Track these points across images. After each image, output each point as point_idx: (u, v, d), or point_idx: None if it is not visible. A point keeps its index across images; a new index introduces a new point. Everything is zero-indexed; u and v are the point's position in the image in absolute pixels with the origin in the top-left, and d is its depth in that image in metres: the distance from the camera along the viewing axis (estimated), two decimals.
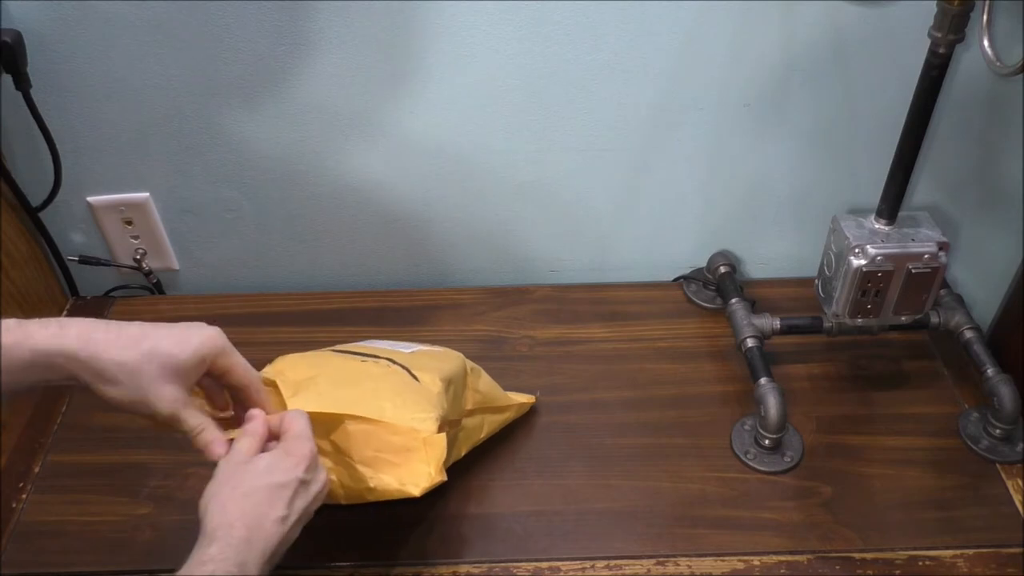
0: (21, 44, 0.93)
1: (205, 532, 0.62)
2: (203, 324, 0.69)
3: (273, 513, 0.65)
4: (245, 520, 0.63)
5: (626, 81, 0.99)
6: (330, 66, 0.98)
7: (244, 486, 0.65)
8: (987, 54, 0.86)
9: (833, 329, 0.97)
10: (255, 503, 0.64)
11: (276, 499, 0.65)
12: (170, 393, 0.65)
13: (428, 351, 0.90)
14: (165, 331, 0.66)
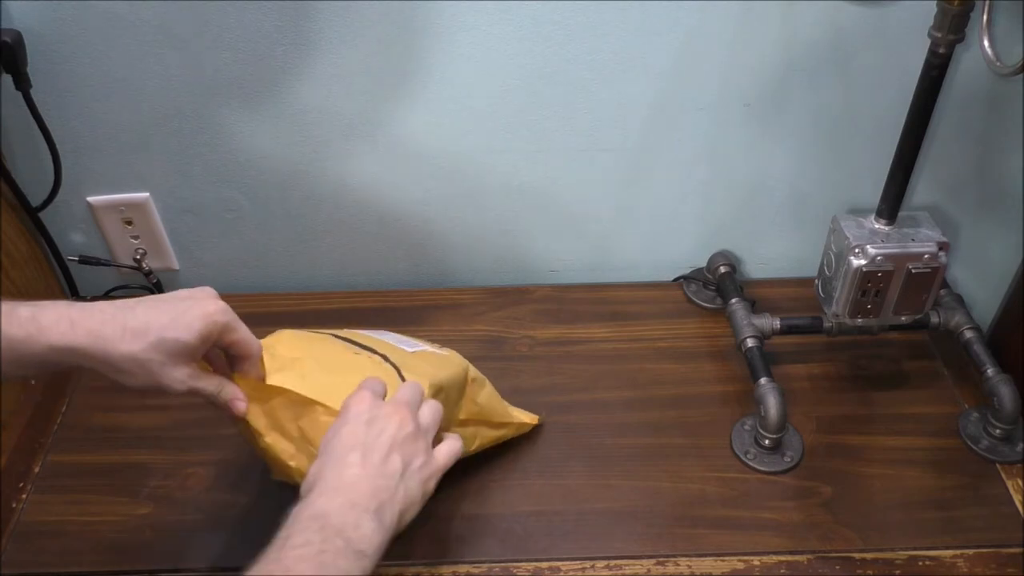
0: (21, 44, 0.93)
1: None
2: (208, 296, 0.69)
3: (347, 456, 0.62)
4: (319, 478, 0.61)
5: (626, 81, 0.99)
6: (330, 66, 0.98)
7: (320, 456, 0.64)
8: (987, 54, 0.86)
9: (833, 329, 0.97)
10: (325, 460, 0.63)
11: (345, 446, 0.63)
12: (181, 374, 0.67)
13: (431, 353, 0.89)
14: (168, 318, 0.66)
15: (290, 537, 0.56)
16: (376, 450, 0.63)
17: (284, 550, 0.55)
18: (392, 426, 0.65)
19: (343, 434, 0.64)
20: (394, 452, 0.64)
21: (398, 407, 0.67)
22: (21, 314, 0.62)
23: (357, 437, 0.64)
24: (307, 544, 0.55)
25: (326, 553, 0.55)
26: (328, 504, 0.59)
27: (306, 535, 0.56)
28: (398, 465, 0.64)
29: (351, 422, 0.65)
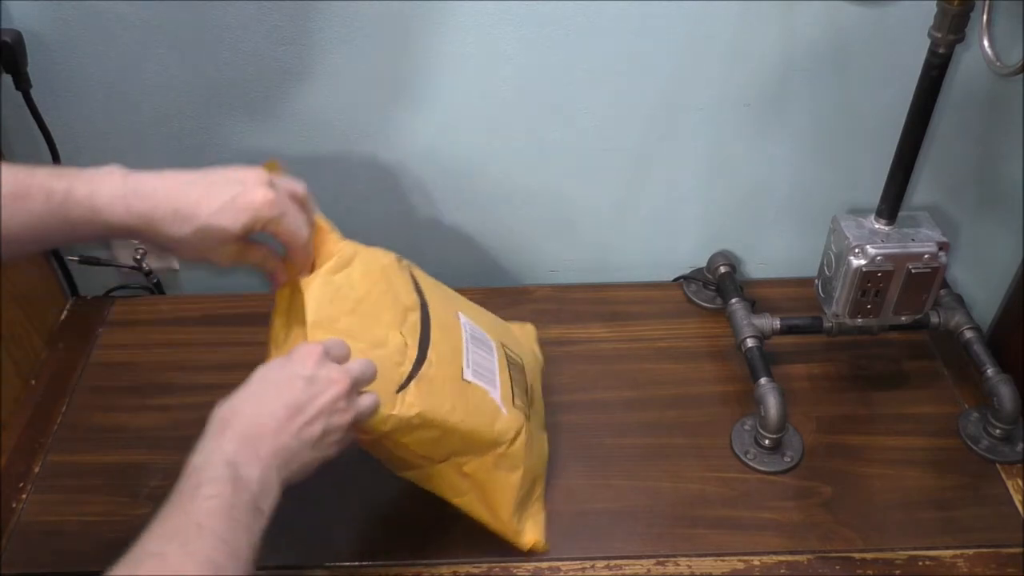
0: (21, 44, 0.93)
1: (198, 442, 0.59)
2: (259, 184, 0.68)
3: (272, 407, 0.61)
4: (237, 421, 0.60)
5: (626, 81, 0.99)
6: (330, 66, 0.98)
7: (241, 391, 0.63)
8: (987, 54, 0.86)
9: (833, 329, 0.97)
10: (249, 402, 0.61)
11: (275, 394, 0.62)
12: (226, 251, 0.68)
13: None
14: (217, 204, 0.66)
15: (201, 486, 0.55)
16: (304, 412, 0.62)
17: (196, 500, 0.54)
18: (329, 394, 0.63)
19: (280, 381, 0.63)
20: (319, 420, 0.62)
21: (343, 377, 0.65)
22: (78, 196, 0.63)
23: (292, 391, 0.62)
24: (219, 496, 0.54)
25: (236, 508, 0.54)
26: (242, 454, 0.58)
27: (218, 486, 0.55)
28: (317, 432, 0.62)
29: (293, 373, 0.63)
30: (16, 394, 1.00)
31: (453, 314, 0.84)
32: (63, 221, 0.62)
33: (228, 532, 0.53)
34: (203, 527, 0.52)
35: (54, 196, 0.62)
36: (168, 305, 1.14)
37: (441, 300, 0.85)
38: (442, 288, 0.89)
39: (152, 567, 0.50)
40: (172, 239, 0.66)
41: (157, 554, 0.51)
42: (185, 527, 0.52)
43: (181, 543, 0.51)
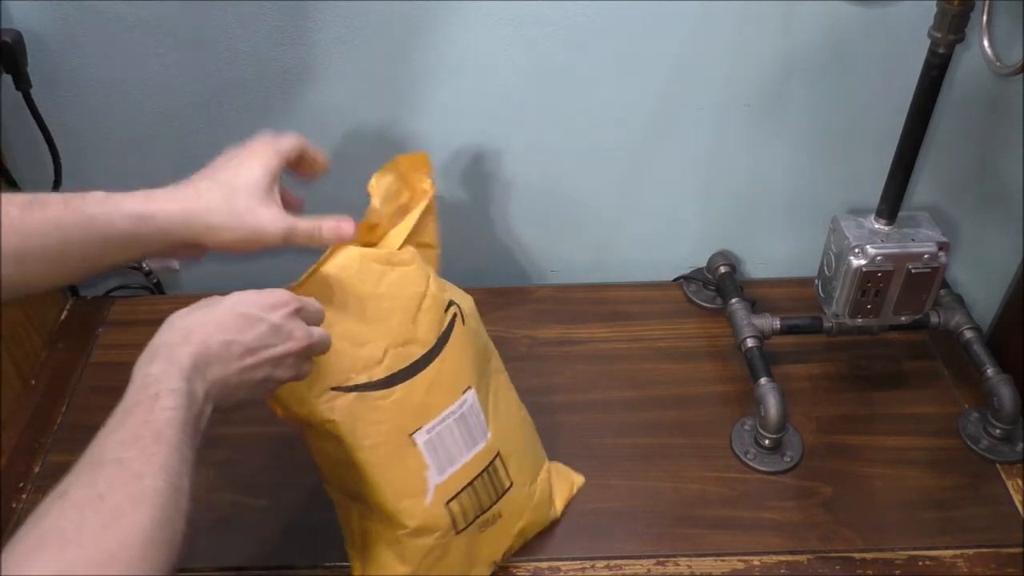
0: (21, 44, 0.93)
1: (148, 348, 0.59)
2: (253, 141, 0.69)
3: (229, 337, 0.60)
4: (195, 337, 0.59)
5: (626, 81, 0.99)
6: (330, 67, 0.98)
7: (206, 307, 0.62)
8: (987, 54, 0.86)
9: (833, 329, 0.97)
10: (211, 323, 0.60)
11: (237, 326, 0.61)
12: (271, 213, 0.67)
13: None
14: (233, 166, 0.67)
15: (160, 397, 0.55)
16: (255, 355, 0.61)
17: (155, 411, 0.54)
18: (283, 348, 0.63)
19: (247, 317, 0.62)
20: (264, 367, 0.62)
21: (304, 337, 0.64)
22: (97, 196, 0.63)
23: (253, 332, 0.61)
24: (176, 408, 0.55)
25: (188, 423, 0.55)
26: (194, 371, 0.58)
27: (176, 398, 0.55)
28: (258, 378, 0.62)
29: (262, 316, 0.62)
30: (16, 394, 1.00)
31: (465, 385, 0.77)
32: (86, 219, 0.61)
33: (182, 444, 0.54)
34: (161, 436, 0.53)
35: (72, 199, 0.62)
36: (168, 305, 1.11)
37: (469, 369, 0.78)
38: (496, 373, 0.84)
39: (112, 472, 0.50)
40: (201, 211, 0.65)
41: (116, 459, 0.51)
42: (144, 435, 0.53)
43: (141, 449, 0.52)
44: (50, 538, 0.47)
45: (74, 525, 0.47)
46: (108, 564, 0.46)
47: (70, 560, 0.46)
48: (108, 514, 0.48)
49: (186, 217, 0.64)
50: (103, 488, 0.49)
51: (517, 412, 0.85)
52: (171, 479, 0.52)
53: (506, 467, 0.80)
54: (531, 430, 0.87)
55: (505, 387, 0.85)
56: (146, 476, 0.51)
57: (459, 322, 0.78)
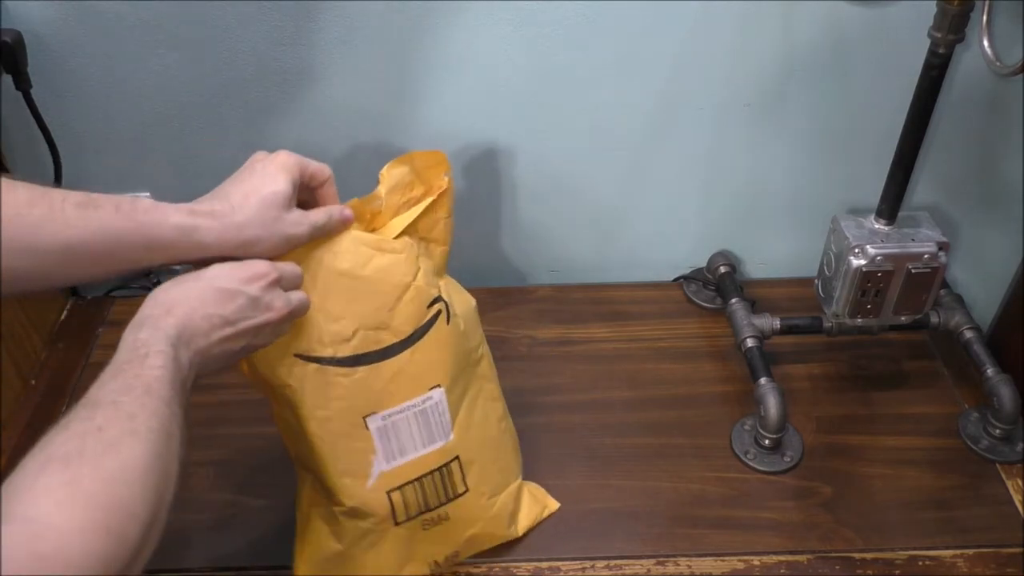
0: (21, 44, 0.93)
1: (133, 320, 0.62)
2: (270, 153, 0.71)
3: (210, 311, 0.63)
4: (179, 310, 0.62)
5: (626, 81, 0.99)
6: (330, 66, 0.98)
7: (188, 282, 0.65)
8: (987, 54, 0.86)
9: (833, 329, 0.97)
10: (193, 297, 0.63)
11: (217, 300, 0.63)
12: (295, 216, 0.69)
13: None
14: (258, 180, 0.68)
15: (149, 356, 0.58)
16: (234, 327, 0.64)
17: (144, 368, 0.57)
18: (262, 319, 0.66)
19: (226, 291, 0.64)
20: (243, 337, 0.65)
21: (283, 307, 0.67)
22: (145, 203, 0.65)
23: (233, 305, 0.64)
24: (164, 367, 0.58)
25: (175, 383, 0.58)
26: (178, 339, 0.61)
27: (163, 359, 0.58)
28: (237, 348, 0.65)
29: (240, 289, 0.65)
30: (16, 394, 1.00)
31: (433, 383, 0.77)
32: (135, 225, 0.63)
33: (171, 399, 0.57)
34: (151, 389, 0.56)
35: (122, 205, 0.64)
36: None
37: (443, 368, 0.77)
38: (482, 380, 0.82)
39: (111, 412, 0.54)
40: (244, 224, 0.66)
41: (112, 402, 0.54)
42: (136, 386, 0.56)
43: (133, 397, 0.55)
44: (55, 459, 0.51)
45: (77, 449, 0.51)
46: (111, 481, 0.50)
47: (75, 475, 0.49)
48: (107, 443, 0.52)
49: (224, 232, 0.66)
50: (101, 422, 0.53)
51: (496, 424, 0.84)
52: (163, 424, 0.55)
53: (464, 473, 0.80)
54: (508, 445, 0.86)
55: (490, 397, 0.83)
56: (139, 417, 0.54)
57: (443, 320, 0.77)
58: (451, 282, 0.81)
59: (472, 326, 0.81)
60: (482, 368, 0.83)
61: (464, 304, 0.81)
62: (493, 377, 0.84)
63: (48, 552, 0.46)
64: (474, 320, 0.82)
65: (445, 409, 0.78)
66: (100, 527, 0.48)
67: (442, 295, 0.77)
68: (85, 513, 0.48)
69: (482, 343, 0.83)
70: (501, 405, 0.85)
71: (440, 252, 0.80)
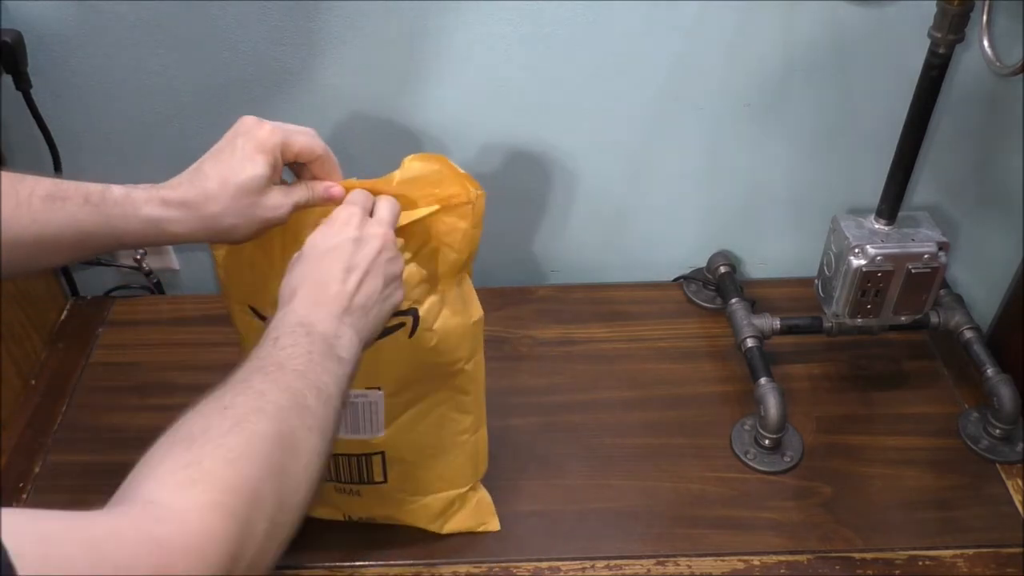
0: (21, 44, 0.93)
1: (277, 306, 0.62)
2: (254, 125, 0.71)
3: (325, 273, 0.62)
4: (301, 289, 0.61)
5: (626, 81, 0.99)
6: (330, 67, 0.98)
7: (297, 264, 0.64)
8: (987, 54, 0.86)
9: (833, 329, 0.97)
10: (307, 272, 0.63)
11: (324, 261, 0.63)
12: (274, 199, 0.68)
13: None
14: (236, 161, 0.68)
15: (279, 339, 0.58)
16: (359, 269, 0.64)
17: (276, 349, 0.57)
18: (374, 247, 0.65)
19: (330, 247, 0.64)
20: (376, 274, 0.64)
21: (384, 230, 0.67)
22: (116, 194, 0.65)
23: (344, 253, 0.64)
24: (296, 345, 0.57)
25: (313, 354, 0.57)
26: (311, 314, 0.60)
27: (294, 337, 0.58)
28: (379, 285, 0.64)
29: (341, 237, 0.65)
30: (16, 394, 1.00)
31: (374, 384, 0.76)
32: (103, 219, 0.63)
33: (307, 369, 0.56)
34: (284, 366, 0.55)
35: (92, 196, 0.64)
36: (168, 305, 1.14)
37: (391, 375, 0.76)
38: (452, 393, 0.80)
39: (239, 389, 0.53)
40: (219, 214, 0.66)
41: (242, 380, 0.54)
42: (267, 366, 0.55)
43: (264, 374, 0.54)
44: (180, 440, 0.50)
45: (201, 428, 0.50)
46: (234, 460, 0.48)
47: (197, 455, 0.48)
48: (231, 420, 0.50)
49: (198, 224, 0.66)
50: (227, 401, 0.52)
51: (451, 435, 0.81)
52: (294, 398, 0.54)
53: (386, 468, 0.80)
54: (460, 456, 0.83)
55: (456, 408, 0.80)
56: (268, 393, 0.53)
57: (403, 333, 0.74)
58: (462, 292, 0.78)
59: (458, 342, 0.77)
60: (459, 381, 0.79)
61: (459, 319, 0.76)
62: (473, 390, 0.81)
63: (166, 536, 0.43)
64: (466, 336, 0.78)
65: (380, 410, 0.77)
66: (221, 508, 0.45)
67: (419, 308, 0.74)
68: (205, 495, 0.46)
69: (471, 358, 0.79)
70: (470, 419, 0.82)
71: (453, 259, 0.75)
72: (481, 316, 0.79)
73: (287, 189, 0.69)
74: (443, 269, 0.76)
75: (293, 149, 0.70)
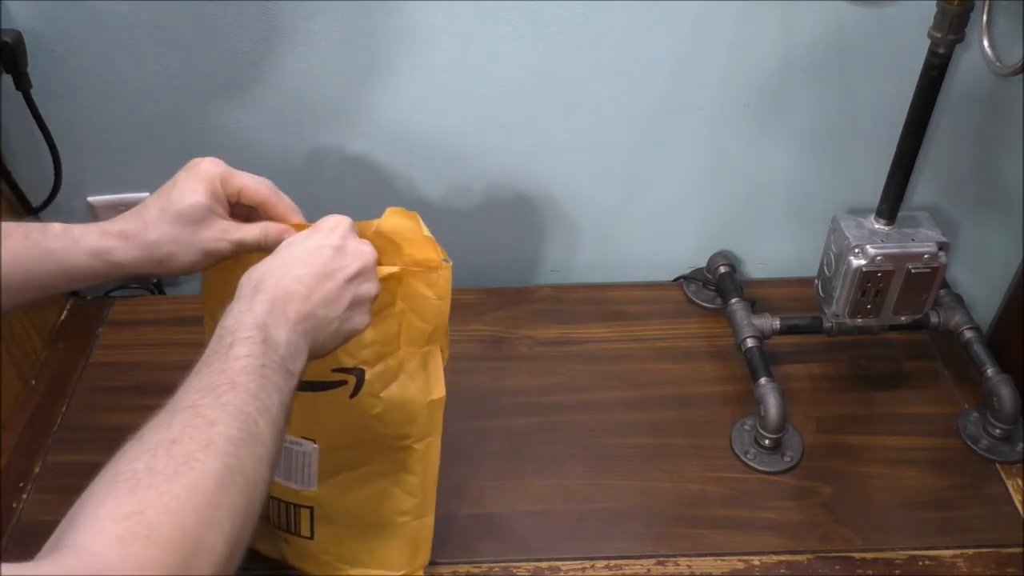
0: (21, 44, 0.93)
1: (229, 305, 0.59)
2: (199, 160, 0.70)
3: (299, 272, 0.60)
4: (267, 283, 0.59)
5: (626, 81, 0.99)
6: (331, 67, 0.98)
7: (273, 256, 0.63)
8: (987, 54, 0.86)
9: (833, 329, 0.97)
10: (278, 266, 0.61)
11: (303, 260, 0.61)
12: (215, 231, 0.67)
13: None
14: (175, 193, 0.67)
15: (234, 345, 0.55)
16: (332, 279, 0.62)
17: (229, 360, 0.54)
18: (356, 264, 0.63)
19: (309, 248, 0.63)
20: (347, 289, 0.62)
21: (370, 249, 0.65)
22: (55, 229, 0.64)
23: (321, 258, 0.62)
24: (250, 356, 0.55)
25: (267, 368, 0.55)
26: (271, 316, 0.58)
27: (249, 345, 0.55)
28: (346, 301, 0.62)
29: (322, 242, 0.63)
30: (16, 394, 1.00)
31: (309, 434, 0.73)
32: (45, 253, 0.63)
33: (260, 390, 0.54)
34: (236, 383, 0.53)
35: (31, 232, 0.63)
36: (168, 305, 1.14)
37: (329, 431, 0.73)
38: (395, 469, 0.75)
39: (186, 417, 0.50)
40: (156, 242, 0.66)
41: (191, 406, 0.51)
42: (219, 383, 0.53)
43: (215, 397, 0.52)
44: (123, 479, 0.47)
45: (146, 467, 0.47)
46: (178, 510, 0.46)
47: (140, 500, 0.46)
48: (179, 458, 0.48)
49: (139, 252, 0.65)
50: (176, 433, 0.49)
51: (390, 513, 0.77)
52: (246, 426, 0.51)
53: (314, 524, 0.78)
54: (395, 538, 0.78)
55: (399, 486, 0.76)
56: (219, 423, 0.50)
57: (344, 391, 0.71)
58: (426, 367, 0.73)
59: (408, 417, 0.73)
60: (406, 459, 0.75)
61: (413, 393, 0.72)
62: (421, 473, 0.76)
63: None
64: (418, 414, 0.73)
65: (314, 463, 0.75)
66: (160, 567, 0.44)
67: (367, 370, 0.71)
68: (144, 551, 0.44)
69: (424, 439, 0.74)
70: (414, 502, 0.77)
71: (419, 328, 0.71)
72: (442, 397, 0.73)
73: (237, 225, 0.68)
74: (408, 337, 0.72)
75: (235, 182, 0.69)
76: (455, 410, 0.98)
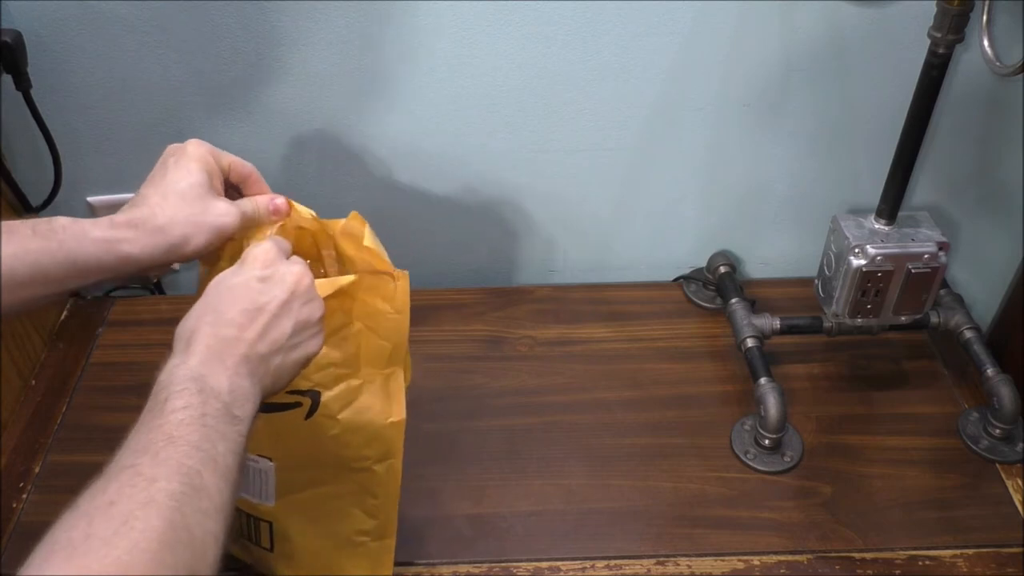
0: (21, 44, 0.93)
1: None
2: (182, 144, 0.68)
3: (229, 314, 0.58)
4: (199, 334, 0.57)
5: (626, 81, 0.99)
6: (331, 67, 0.98)
7: (197, 305, 0.60)
8: (987, 54, 0.86)
9: (833, 329, 0.97)
10: (208, 312, 0.59)
11: (231, 300, 0.59)
12: (222, 207, 0.67)
13: None
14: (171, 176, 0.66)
15: (169, 400, 0.53)
16: (265, 312, 0.59)
17: (164, 414, 0.52)
18: (286, 288, 0.61)
19: (235, 286, 0.60)
20: (285, 317, 0.60)
21: (302, 268, 0.63)
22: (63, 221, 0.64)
23: (249, 294, 0.59)
24: (188, 407, 0.53)
25: (208, 416, 0.53)
26: (207, 366, 0.56)
27: (185, 397, 0.53)
28: (288, 330, 0.60)
29: (247, 276, 0.61)
30: (16, 394, 1.00)
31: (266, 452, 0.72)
32: (54, 244, 0.62)
33: (202, 440, 0.51)
34: (174, 438, 0.50)
35: (39, 226, 0.62)
36: (168, 305, 1.14)
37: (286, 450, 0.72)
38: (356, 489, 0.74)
39: (126, 479, 0.48)
40: (163, 228, 0.65)
41: (130, 466, 0.49)
42: (156, 440, 0.51)
43: (153, 454, 0.50)
44: (59, 548, 0.45)
45: (82, 533, 0.45)
46: (118, 573, 0.44)
47: (78, 568, 0.44)
48: (118, 520, 0.45)
49: (150, 238, 0.64)
50: (113, 495, 0.47)
51: (348, 535, 0.77)
52: (188, 479, 0.49)
53: (273, 539, 0.77)
54: (351, 560, 0.78)
55: (356, 507, 0.75)
56: (159, 479, 0.48)
57: (299, 413, 0.69)
58: (388, 388, 0.72)
59: (366, 440, 0.72)
60: (366, 480, 0.74)
61: (372, 415, 0.71)
62: (383, 496, 0.75)
63: None
64: (377, 436, 0.72)
65: (271, 480, 0.73)
66: None
67: (322, 392, 0.69)
68: None
69: (384, 460, 0.73)
70: (374, 523, 0.76)
71: (379, 347, 0.70)
72: (402, 420, 0.72)
73: (234, 201, 0.69)
74: (368, 357, 0.71)
75: (224, 159, 0.69)
76: (455, 410, 0.99)
